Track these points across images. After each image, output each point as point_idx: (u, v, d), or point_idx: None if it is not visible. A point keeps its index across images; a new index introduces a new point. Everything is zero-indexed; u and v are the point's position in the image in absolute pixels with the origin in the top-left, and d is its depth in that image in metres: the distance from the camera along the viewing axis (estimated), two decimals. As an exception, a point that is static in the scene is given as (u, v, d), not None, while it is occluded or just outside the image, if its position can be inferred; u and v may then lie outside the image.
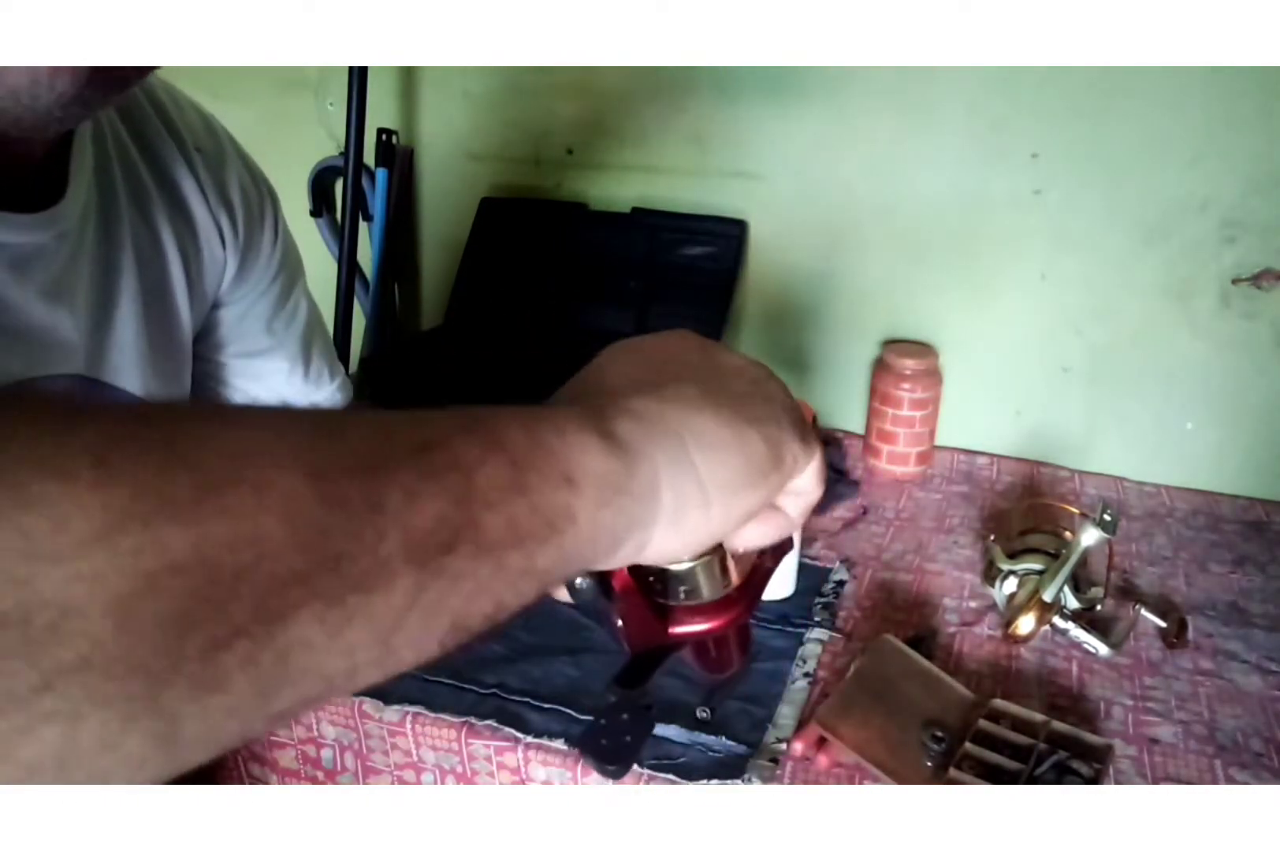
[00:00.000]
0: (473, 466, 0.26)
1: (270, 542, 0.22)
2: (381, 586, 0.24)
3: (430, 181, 1.48)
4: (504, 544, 0.26)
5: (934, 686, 0.82)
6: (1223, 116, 1.08)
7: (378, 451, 0.25)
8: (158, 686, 0.20)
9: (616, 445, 0.30)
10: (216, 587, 0.21)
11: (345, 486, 0.23)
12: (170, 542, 0.20)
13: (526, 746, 0.78)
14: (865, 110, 1.21)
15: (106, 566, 0.19)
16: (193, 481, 0.21)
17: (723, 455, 0.32)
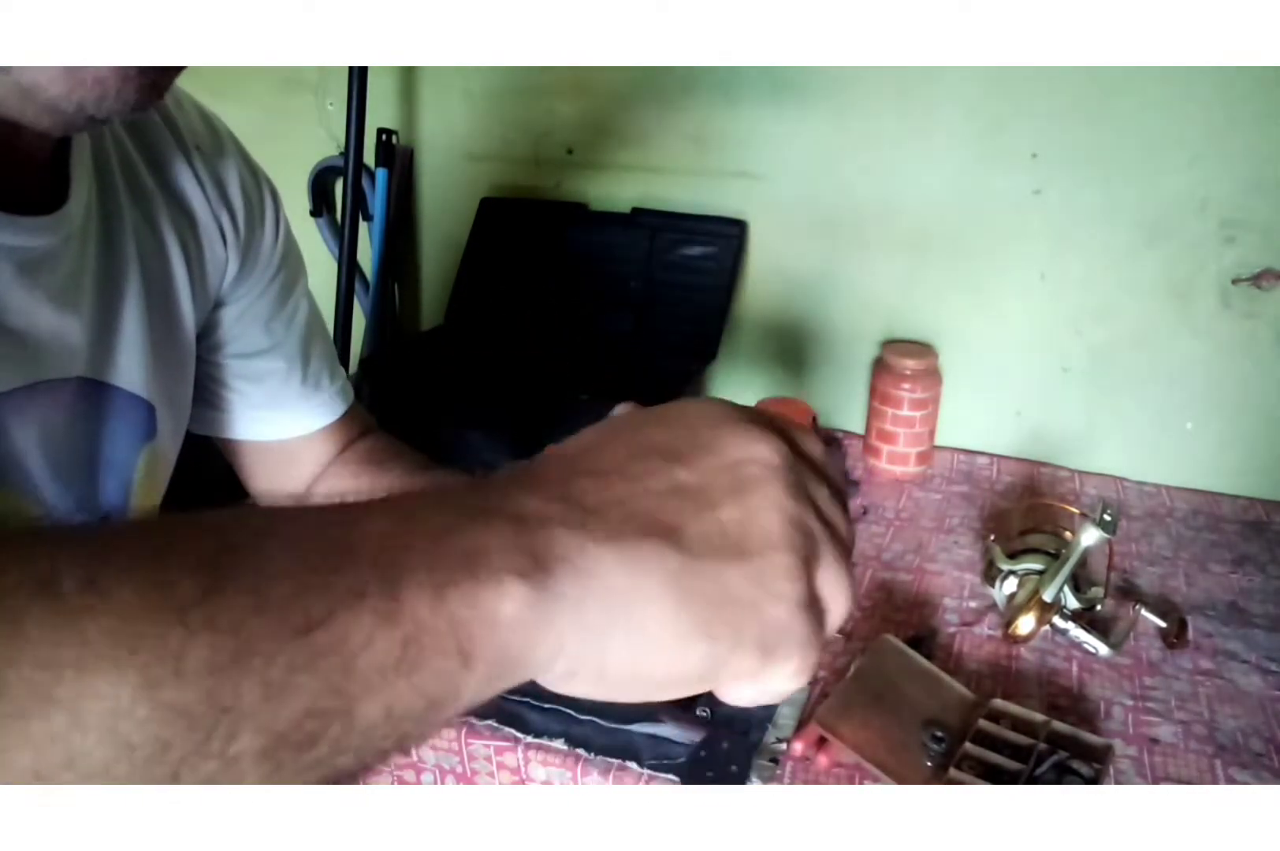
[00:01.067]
0: (359, 647, 0.22)
1: (88, 766, 0.19)
2: (223, 782, 0.21)
3: (430, 181, 1.48)
4: (375, 730, 0.24)
5: (934, 686, 0.82)
6: (1223, 116, 1.08)
7: (243, 639, 0.21)
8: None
9: (536, 612, 0.25)
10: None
11: (187, 693, 0.20)
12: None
13: (526, 746, 0.78)
14: (865, 110, 1.21)
15: None
16: (2, 709, 0.19)
17: (646, 656, 0.27)
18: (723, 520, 0.28)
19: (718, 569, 0.27)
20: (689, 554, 0.27)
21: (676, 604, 0.26)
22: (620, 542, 0.26)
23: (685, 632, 0.26)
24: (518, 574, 0.25)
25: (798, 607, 0.28)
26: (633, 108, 1.33)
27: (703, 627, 0.27)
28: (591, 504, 0.27)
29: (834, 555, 0.30)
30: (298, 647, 0.21)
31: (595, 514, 0.27)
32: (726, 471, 0.29)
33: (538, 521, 0.26)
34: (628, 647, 0.26)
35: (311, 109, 1.46)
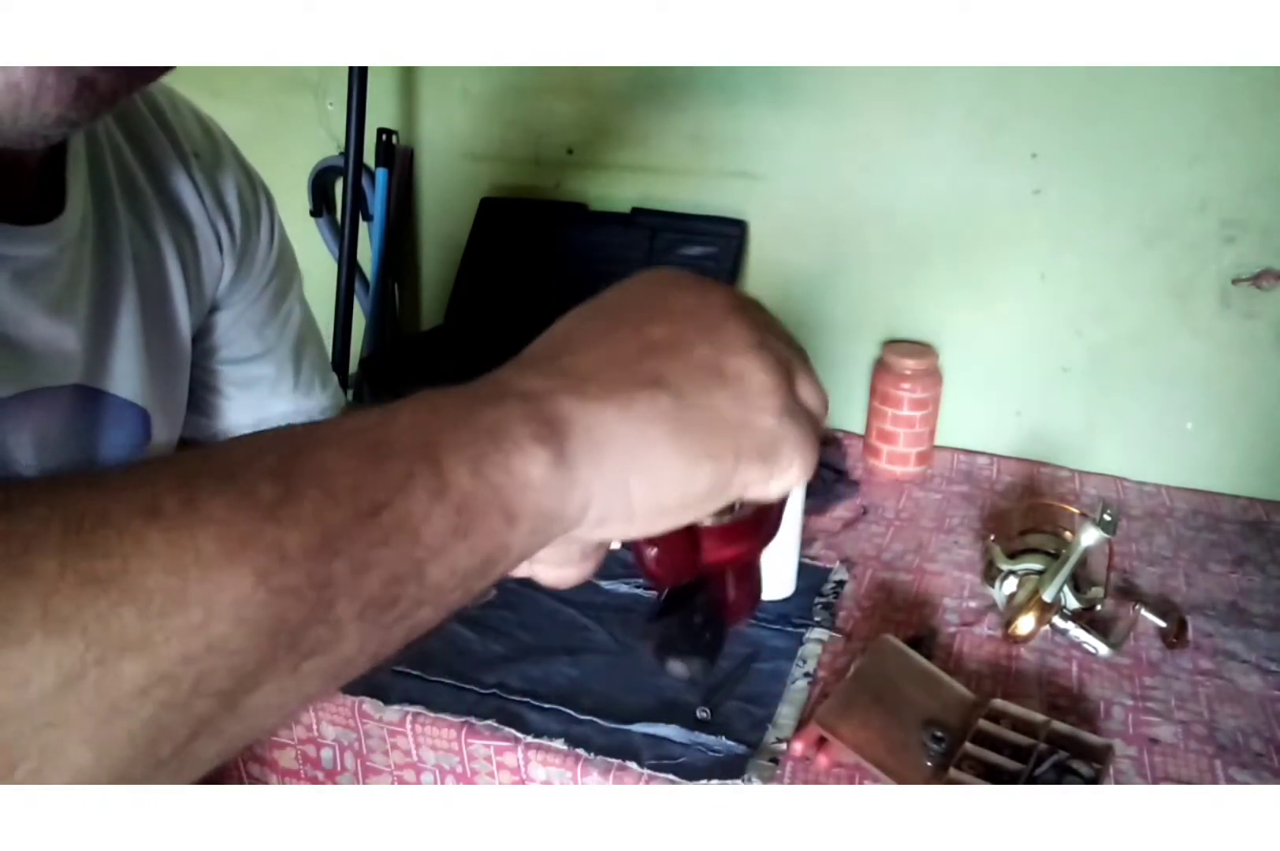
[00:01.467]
0: (420, 521, 0.26)
1: (226, 645, 0.23)
2: (334, 646, 0.25)
3: (430, 181, 1.48)
4: (445, 586, 0.27)
5: (934, 686, 0.82)
6: (1223, 116, 1.08)
7: (325, 529, 0.25)
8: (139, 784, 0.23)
9: (562, 474, 0.29)
10: (178, 694, 0.22)
11: (293, 577, 0.24)
12: (127, 673, 0.21)
13: (526, 746, 0.78)
14: (865, 110, 1.21)
15: (73, 710, 0.21)
16: (138, 611, 0.22)
17: (662, 486, 0.31)
18: (698, 358, 0.32)
19: (705, 400, 0.31)
20: (677, 393, 0.31)
21: (676, 437, 0.30)
22: (616, 398, 0.30)
23: (690, 460, 0.31)
24: (537, 439, 0.28)
25: (784, 416, 0.33)
26: (633, 108, 1.33)
27: (704, 451, 0.31)
28: (583, 371, 0.31)
29: (803, 366, 0.35)
30: (371, 528, 0.25)
31: (588, 379, 0.31)
32: (690, 318, 0.33)
33: (542, 394, 0.30)
34: (646, 485, 0.30)
35: (311, 109, 1.46)
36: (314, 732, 0.86)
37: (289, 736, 0.87)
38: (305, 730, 0.86)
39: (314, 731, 0.86)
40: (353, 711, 0.83)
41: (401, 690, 0.84)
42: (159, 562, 0.22)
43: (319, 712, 0.85)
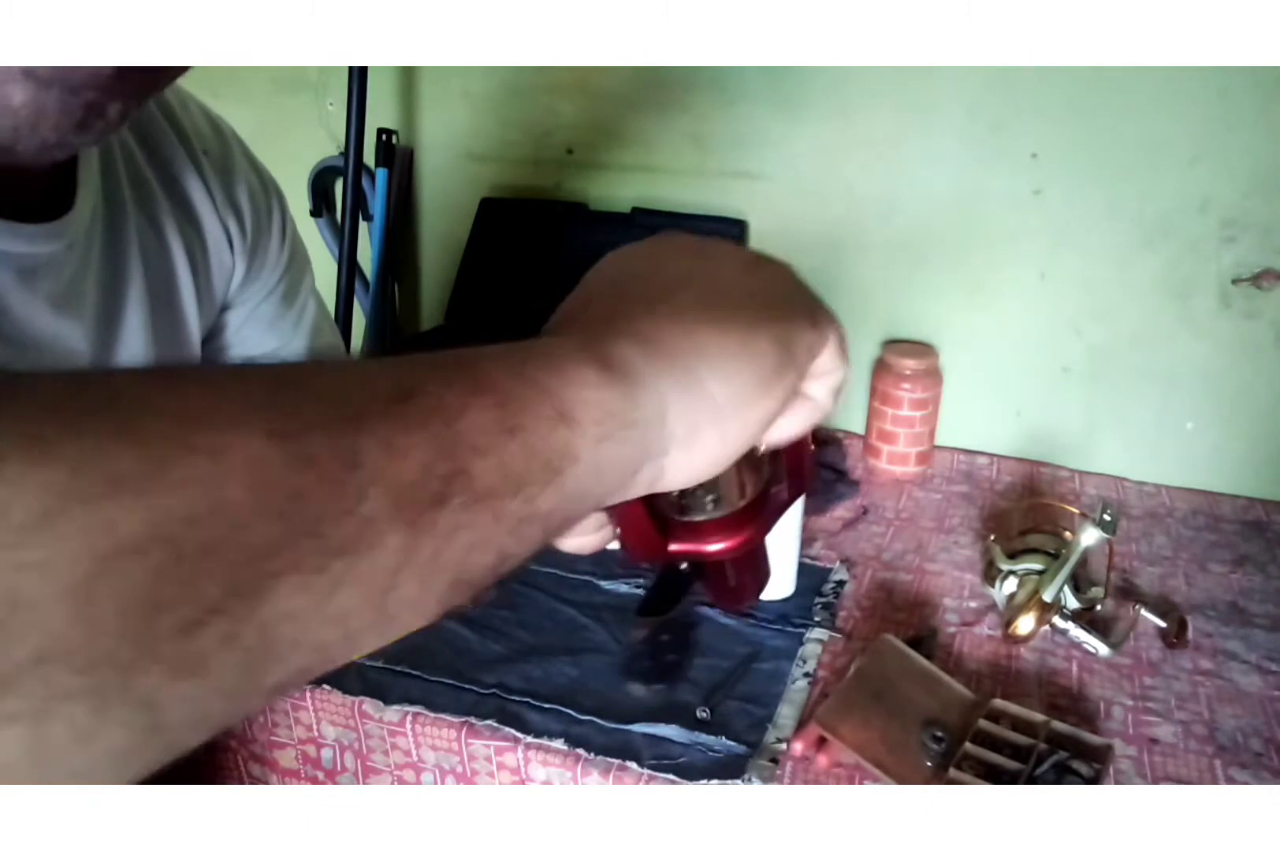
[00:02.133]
0: (456, 413, 0.24)
1: (236, 512, 0.20)
2: (367, 547, 0.22)
3: (430, 181, 1.48)
4: (500, 491, 0.24)
5: (934, 686, 0.82)
6: (1223, 116, 1.08)
7: (348, 403, 0.23)
8: (129, 674, 0.19)
9: (616, 374, 0.28)
10: (181, 565, 0.19)
11: (314, 443, 0.21)
12: (119, 522, 0.18)
13: (526, 746, 0.78)
14: (865, 110, 1.21)
15: (53, 552, 0.18)
16: (139, 452, 0.19)
17: (730, 367, 0.30)
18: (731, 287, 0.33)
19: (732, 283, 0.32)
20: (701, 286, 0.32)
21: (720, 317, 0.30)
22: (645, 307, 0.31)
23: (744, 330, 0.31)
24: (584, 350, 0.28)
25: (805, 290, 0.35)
26: (633, 108, 1.33)
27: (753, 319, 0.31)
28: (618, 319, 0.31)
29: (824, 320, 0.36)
30: (400, 411, 0.23)
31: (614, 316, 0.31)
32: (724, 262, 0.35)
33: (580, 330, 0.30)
34: (716, 372, 0.30)
35: (311, 109, 1.46)
36: (314, 732, 0.86)
37: (289, 736, 0.88)
38: (305, 730, 0.86)
39: (314, 731, 0.86)
40: (353, 711, 0.83)
41: (401, 690, 0.84)
42: (162, 409, 0.20)
43: (319, 712, 0.85)
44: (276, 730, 0.88)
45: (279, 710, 0.86)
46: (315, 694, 0.84)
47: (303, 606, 0.21)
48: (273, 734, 0.88)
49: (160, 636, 0.19)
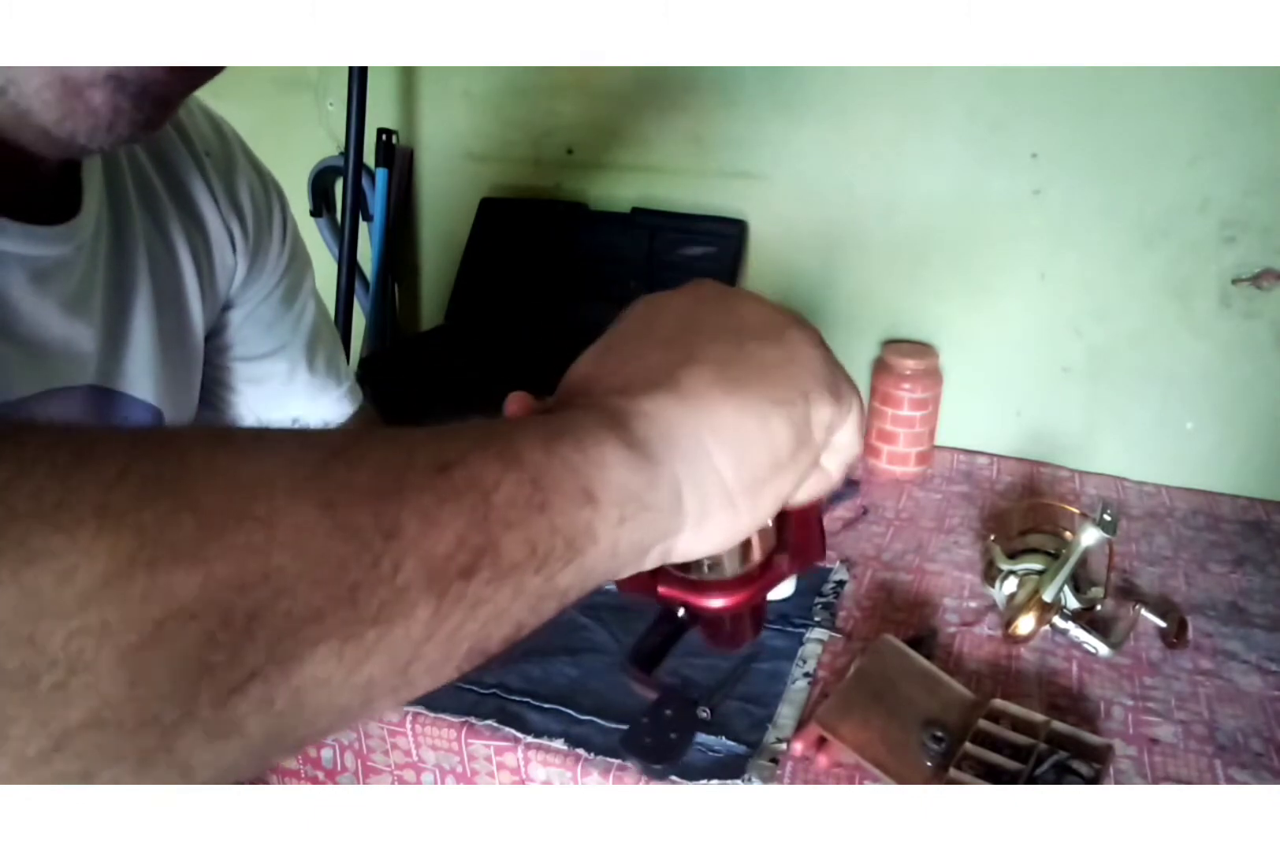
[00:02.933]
0: (491, 486, 0.25)
1: (283, 579, 0.21)
2: (400, 617, 0.23)
3: (430, 181, 1.48)
4: (524, 566, 0.26)
5: (934, 686, 0.82)
6: (1222, 116, 1.08)
7: (393, 475, 0.24)
8: (171, 737, 0.20)
9: (638, 456, 0.28)
10: (229, 630, 0.20)
11: (359, 514, 0.22)
12: (178, 587, 0.19)
13: (526, 746, 0.78)
14: (865, 110, 1.21)
15: (114, 617, 0.19)
16: (197, 521, 0.20)
17: (746, 450, 0.30)
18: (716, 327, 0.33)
19: (745, 354, 0.31)
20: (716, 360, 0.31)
21: (735, 395, 0.30)
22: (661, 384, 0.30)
23: (760, 411, 0.30)
24: (604, 427, 0.28)
25: (830, 361, 0.33)
26: (633, 108, 1.33)
27: (768, 399, 0.31)
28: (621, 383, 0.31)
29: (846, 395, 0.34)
30: (440, 482, 0.24)
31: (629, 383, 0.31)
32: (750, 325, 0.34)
33: (591, 403, 0.30)
34: (729, 453, 0.30)
35: (311, 109, 1.46)
36: (314, 732, 0.86)
37: (289, 736, 0.88)
38: (305, 730, 0.86)
39: (314, 731, 0.86)
40: (353, 711, 0.83)
41: (401, 690, 0.84)
42: (223, 478, 0.21)
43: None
44: (276, 730, 0.88)
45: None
46: (315, 694, 0.84)
47: (335, 673, 0.22)
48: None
49: (203, 700, 0.20)
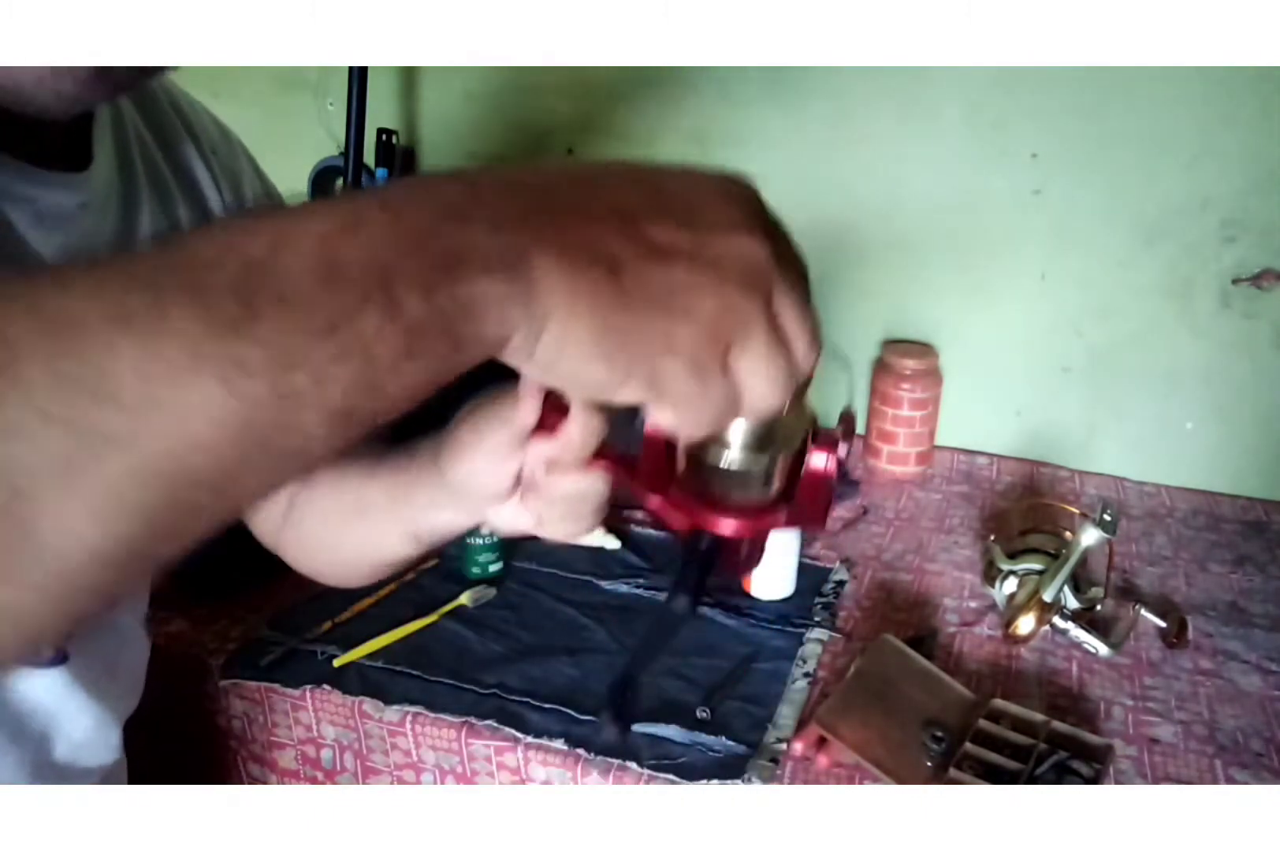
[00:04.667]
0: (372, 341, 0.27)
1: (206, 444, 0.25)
2: (304, 448, 0.27)
3: (430, 181, 1.48)
4: (400, 398, 0.29)
5: (934, 686, 0.82)
6: (1222, 116, 1.08)
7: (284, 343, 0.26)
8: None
9: (505, 308, 0.29)
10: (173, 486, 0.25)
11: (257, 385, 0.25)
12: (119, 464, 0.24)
13: (526, 746, 0.78)
14: (865, 110, 1.21)
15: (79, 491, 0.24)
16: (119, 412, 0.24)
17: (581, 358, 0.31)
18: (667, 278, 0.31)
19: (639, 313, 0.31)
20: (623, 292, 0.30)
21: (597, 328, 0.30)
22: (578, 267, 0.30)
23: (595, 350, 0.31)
24: (488, 273, 0.29)
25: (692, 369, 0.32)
26: (633, 107, 1.33)
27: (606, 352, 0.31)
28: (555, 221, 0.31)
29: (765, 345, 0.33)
30: (326, 345, 0.26)
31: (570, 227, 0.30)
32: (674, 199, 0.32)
33: (517, 231, 0.30)
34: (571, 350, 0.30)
35: (311, 109, 1.46)
36: (314, 732, 0.86)
37: (289, 736, 0.87)
38: (305, 730, 0.86)
39: (314, 731, 0.86)
40: (353, 711, 0.83)
41: (401, 690, 0.84)
42: (130, 367, 0.24)
43: (319, 713, 0.85)
44: (276, 730, 0.88)
45: (279, 710, 0.86)
46: (315, 694, 0.84)
47: (259, 485, 0.28)
48: (272, 734, 0.88)
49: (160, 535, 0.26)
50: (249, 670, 0.87)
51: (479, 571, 0.99)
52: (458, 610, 0.95)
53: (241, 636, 0.91)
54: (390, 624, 0.91)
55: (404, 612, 0.93)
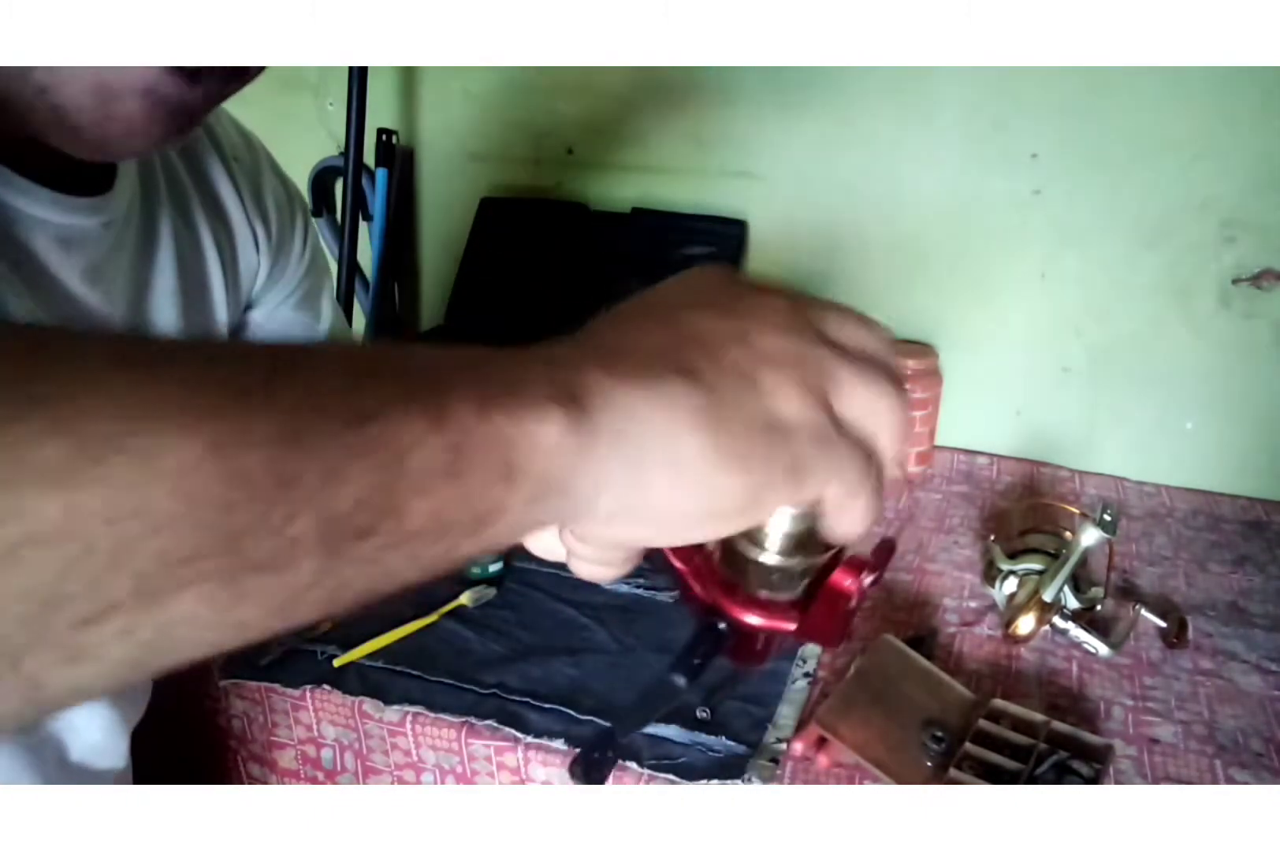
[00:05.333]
0: (408, 447, 0.23)
1: (156, 517, 0.20)
2: (285, 568, 0.22)
3: (430, 181, 1.48)
4: (425, 535, 0.24)
5: (934, 686, 0.82)
6: (1222, 116, 1.08)
7: (301, 421, 0.22)
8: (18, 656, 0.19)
9: (576, 443, 0.26)
10: (90, 561, 0.19)
11: (252, 461, 0.21)
12: (36, 511, 0.18)
13: (526, 746, 0.78)
14: (865, 110, 1.21)
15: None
16: (69, 447, 0.19)
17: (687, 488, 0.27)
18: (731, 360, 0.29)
19: (738, 403, 0.28)
20: (710, 389, 0.28)
21: (707, 434, 0.27)
22: (647, 380, 0.27)
23: (721, 461, 0.27)
24: (556, 401, 0.26)
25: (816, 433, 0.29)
26: (633, 108, 1.33)
27: (735, 454, 0.27)
28: (616, 349, 0.28)
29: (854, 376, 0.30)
30: (352, 436, 0.22)
31: (621, 357, 0.28)
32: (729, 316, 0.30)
33: (568, 361, 0.27)
34: (668, 482, 0.27)
35: (311, 109, 1.46)
36: (314, 732, 0.86)
37: (289, 736, 0.87)
38: (305, 730, 0.86)
39: (314, 731, 0.86)
40: (353, 711, 0.83)
41: (401, 690, 0.84)
42: (109, 403, 0.20)
43: (319, 713, 0.85)
44: (276, 730, 0.88)
45: (279, 710, 0.86)
46: (315, 694, 0.84)
47: (205, 614, 0.21)
48: (272, 734, 0.88)
49: (56, 627, 0.19)
50: (249, 670, 0.87)
51: (479, 571, 0.99)
52: (458, 610, 0.95)
53: (241, 636, 0.91)
54: (390, 624, 0.91)
55: (404, 612, 0.93)
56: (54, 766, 0.55)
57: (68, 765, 0.56)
